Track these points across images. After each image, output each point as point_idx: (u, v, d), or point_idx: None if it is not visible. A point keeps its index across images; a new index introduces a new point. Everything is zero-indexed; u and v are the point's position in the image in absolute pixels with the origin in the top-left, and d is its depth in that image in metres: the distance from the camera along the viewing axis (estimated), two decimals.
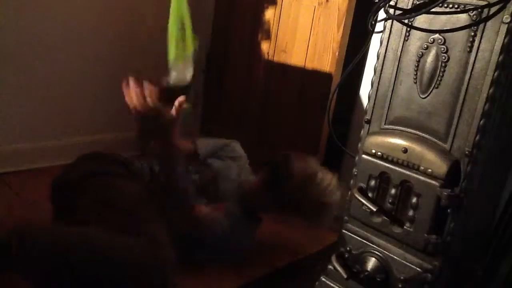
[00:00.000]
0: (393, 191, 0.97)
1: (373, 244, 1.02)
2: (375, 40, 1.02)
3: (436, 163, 0.90)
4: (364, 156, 1.01)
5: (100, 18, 1.92)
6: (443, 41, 0.89)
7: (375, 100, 1.01)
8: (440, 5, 0.86)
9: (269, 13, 1.99)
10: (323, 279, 1.12)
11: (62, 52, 1.83)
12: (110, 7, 1.93)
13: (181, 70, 1.11)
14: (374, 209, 0.96)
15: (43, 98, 1.80)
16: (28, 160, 1.40)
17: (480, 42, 0.84)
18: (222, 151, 1.61)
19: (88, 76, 1.90)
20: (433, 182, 0.90)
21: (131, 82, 1.05)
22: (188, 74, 1.13)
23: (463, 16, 0.86)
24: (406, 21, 0.93)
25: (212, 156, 1.58)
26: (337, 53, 1.76)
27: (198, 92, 2.26)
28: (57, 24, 1.80)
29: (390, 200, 0.98)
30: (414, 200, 0.93)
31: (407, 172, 0.94)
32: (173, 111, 1.10)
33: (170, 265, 1.01)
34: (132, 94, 1.05)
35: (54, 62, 1.79)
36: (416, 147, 0.93)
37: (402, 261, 0.97)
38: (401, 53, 0.95)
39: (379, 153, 0.98)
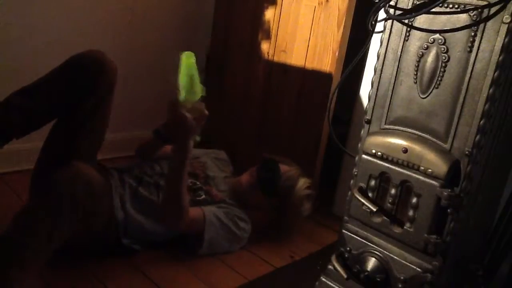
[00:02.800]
0: (393, 191, 0.97)
1: (373, 244, 1.02)
2: (375, 40, 1.02)
3: (436, 163, 0.90)
4: (364, 156, 1.01)
5: (104, 13, 1.92)
6: (443, 41, 0.89)
7: (375, 100, 1.01)
8: (440, 5, 0.86)
9: (269, 13, 1.99)
10: (323, 279, 1.12)
11: (62, 52, 1.83)
12: (114, 4, 1.93)
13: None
14: (374, 209, 0.96)
15: None
16: (28, 160, 1.40)
17: (480, 42, 0.84)
18: (209, 153, 1.73)
19: None
20: (433, 182, 0.90)
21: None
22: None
23: (463, 16, 0.86)
24: (406, 21, 0.93)
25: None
26: (337, 53, 1.76)
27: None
28: (60, 19, 1.80)
29: (390, 200, 0.98)
30: (414, 200, 0.93)
31: (407, 172, 0.94)
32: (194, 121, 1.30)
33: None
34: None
35: (55, 62, 1.79)
36: (416, 147, 0.93)
37: (402, 261, 0.97)
38: (401, 53, 0.95)
39: (379, 153, 0.98)
